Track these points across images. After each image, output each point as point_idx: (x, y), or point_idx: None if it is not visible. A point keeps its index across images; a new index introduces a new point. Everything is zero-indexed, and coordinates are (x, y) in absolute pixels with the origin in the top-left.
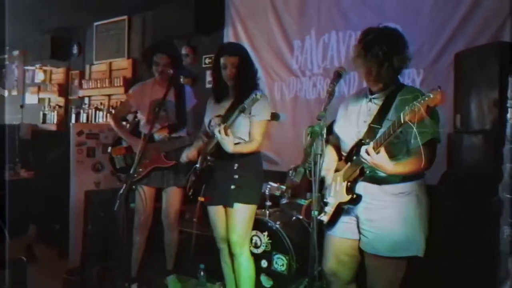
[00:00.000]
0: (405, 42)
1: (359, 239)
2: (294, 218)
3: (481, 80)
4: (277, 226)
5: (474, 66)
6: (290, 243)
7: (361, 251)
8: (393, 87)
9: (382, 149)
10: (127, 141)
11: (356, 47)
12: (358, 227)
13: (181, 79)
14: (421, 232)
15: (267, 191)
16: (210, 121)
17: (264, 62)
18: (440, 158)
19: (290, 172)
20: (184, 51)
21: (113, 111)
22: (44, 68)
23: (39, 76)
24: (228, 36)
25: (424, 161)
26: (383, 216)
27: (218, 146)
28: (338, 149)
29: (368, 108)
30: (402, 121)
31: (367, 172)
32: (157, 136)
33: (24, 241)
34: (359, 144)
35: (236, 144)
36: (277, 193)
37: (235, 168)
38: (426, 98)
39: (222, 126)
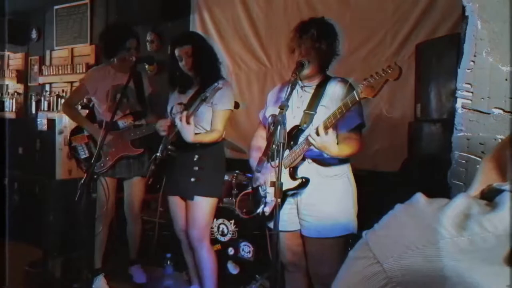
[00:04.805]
0: (336, 33)
1: (301, 227)
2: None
3: (440, 71)
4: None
5: (433, 57)
6: (256, 231)
7: (302, 238)
8: (322, 77)
9: (331, 130)
10: (89, 130)
11: (292, 32)
12: (297, 215)
13: (146, 67)
14: (354, 211)
15: (234, 179)
16: (172, 109)
17: (231, 51)
18: (401, 146)
19: None
20: (149, 37)
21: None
22: (1, 53)
23: None
24: (194, 23)
25: (361, 143)
26: (323, 199)
27: (179, 135)
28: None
29: (300, 95)
30: (358, 98)
31: (311, 156)
32: (122, 123)
33: None
34: (295, 130)
35: (196, 134)
36: (244, 181)
37: (195, 159)
38: (385, 74)
39: (184, 114)
